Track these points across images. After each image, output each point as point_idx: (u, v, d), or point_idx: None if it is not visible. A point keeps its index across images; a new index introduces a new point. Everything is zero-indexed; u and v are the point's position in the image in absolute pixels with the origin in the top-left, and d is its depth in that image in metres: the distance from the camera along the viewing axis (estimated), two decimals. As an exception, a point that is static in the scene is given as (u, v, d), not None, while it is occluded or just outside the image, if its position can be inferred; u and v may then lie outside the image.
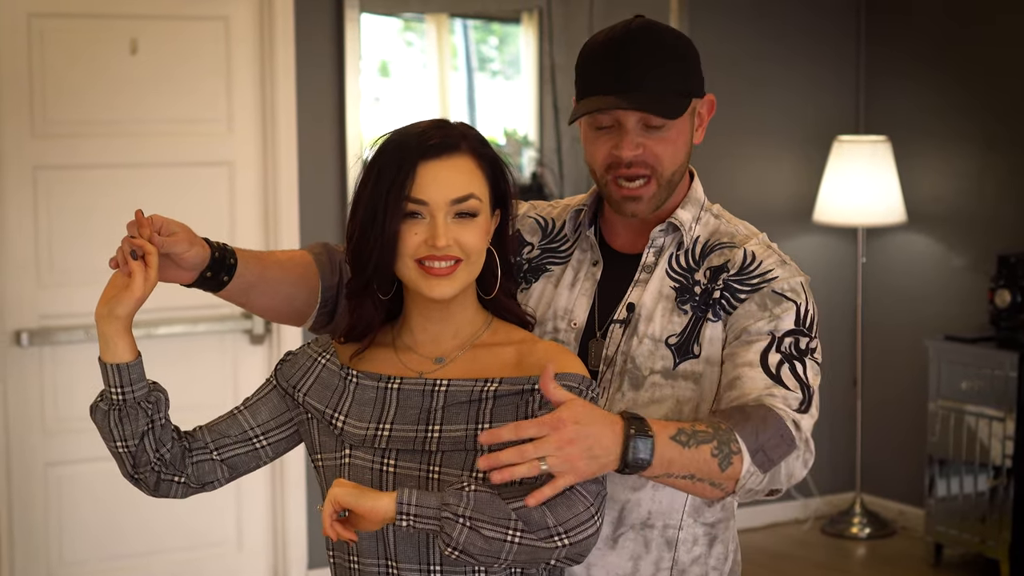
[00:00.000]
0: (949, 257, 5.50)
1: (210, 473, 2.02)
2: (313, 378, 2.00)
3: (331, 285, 2.10)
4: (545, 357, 1.91)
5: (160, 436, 1.97)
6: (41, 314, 4.44)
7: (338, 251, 2.13)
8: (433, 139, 1.90)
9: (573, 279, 2.12)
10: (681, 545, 2.07)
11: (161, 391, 1.97)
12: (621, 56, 2.01)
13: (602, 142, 2.04)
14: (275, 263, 2.06)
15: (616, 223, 2.14)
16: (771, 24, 5.61)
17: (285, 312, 2.10)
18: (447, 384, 1.92)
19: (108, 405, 1.94)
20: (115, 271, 1.92)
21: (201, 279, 1.98)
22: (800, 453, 1.91)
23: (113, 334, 1.90)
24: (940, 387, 5.15)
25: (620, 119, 2.02)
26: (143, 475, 1.98)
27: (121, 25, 4.51)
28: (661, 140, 2.03)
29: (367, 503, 1.75)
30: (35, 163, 4.42)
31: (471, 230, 1.90)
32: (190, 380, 4.55)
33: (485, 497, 1.75)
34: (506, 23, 5.52)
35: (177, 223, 1.94)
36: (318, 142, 4.79)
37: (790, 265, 2.07)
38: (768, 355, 1.97)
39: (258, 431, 2.02)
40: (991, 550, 4.96)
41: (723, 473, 1.83)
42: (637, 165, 2.03)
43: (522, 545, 1.75)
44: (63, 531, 4.52)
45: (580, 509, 1.78)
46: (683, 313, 2.04)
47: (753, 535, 5.58)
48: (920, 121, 5.57)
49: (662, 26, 2.07)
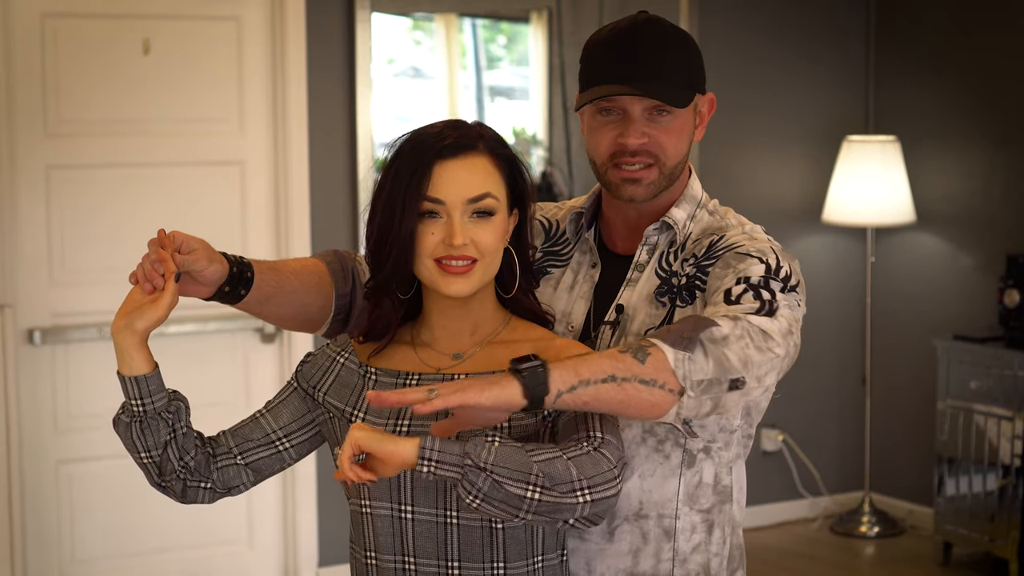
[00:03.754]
0: (958, 257, 5.50)
1: (235, 478, 2.03)
2: (333, 377, 2.02)
3: (345, 292, 2.11)
4: (562, 352, 1.92)
5: (183, 444, 1.98)
6: (53, 312, 4.45)
7: (349, 257, 2.15)
8: (449, 139, 1.91)
9: (572, 282, 2.13)
10: (680, 535, 2.07)
11: (181, 399, 1.99)
12: (629, 46, 2.04)
13: (606, 130, 2.06)
14: (291, 273, 2.07)
15: (616, 224, 2.15)
16: (780, 25, 5.62)
17: (300, 321, 2.12)
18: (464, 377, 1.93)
19: (130, 417, 1.95)
20: (134, 286, 1.93)
21: (219, 293, 2.00)
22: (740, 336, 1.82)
23: (130, 347, 1.91)
24: (949, 386, 5.16)
25: (626, 107, 2.04)
26: (170, 483, 2.00)
27: (133, 25, 4.53)
28: (665, 130, 2.05)
29: (388, 447, 1.73)
30: (48, 162, 4.44)
31: (487, 229, 1.91)
32: (202, 379, 4.56)
33: (509, 450, 1.75)
34: (515, 22, 5.53)
35: (196, 239, 1.95)
36: (329, 142, 4.80)
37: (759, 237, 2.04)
38: (731, 289, 1.92)
39: (280, 434, 2.03)
40: (1000, 549, 4.97)
41: (644, 366, 1.77)
42: (641, 154, 2.04)
43: (543, 501, 1.75)
44: (75, 528, 4.53)
45: (604, 468, 1.78)
46: (662, 305, 2.05)
47: (762, 534, 5.58)
48: (929, 121, 5.58)
49: (666, 21, 2.10)
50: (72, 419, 4.48)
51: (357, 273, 2.13)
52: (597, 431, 1.83)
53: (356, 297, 2.12)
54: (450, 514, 1.89)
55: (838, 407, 5.79)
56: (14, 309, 4.39)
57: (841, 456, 5.72)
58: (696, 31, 5.33)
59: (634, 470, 2.04)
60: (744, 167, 5.56)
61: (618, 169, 2.05)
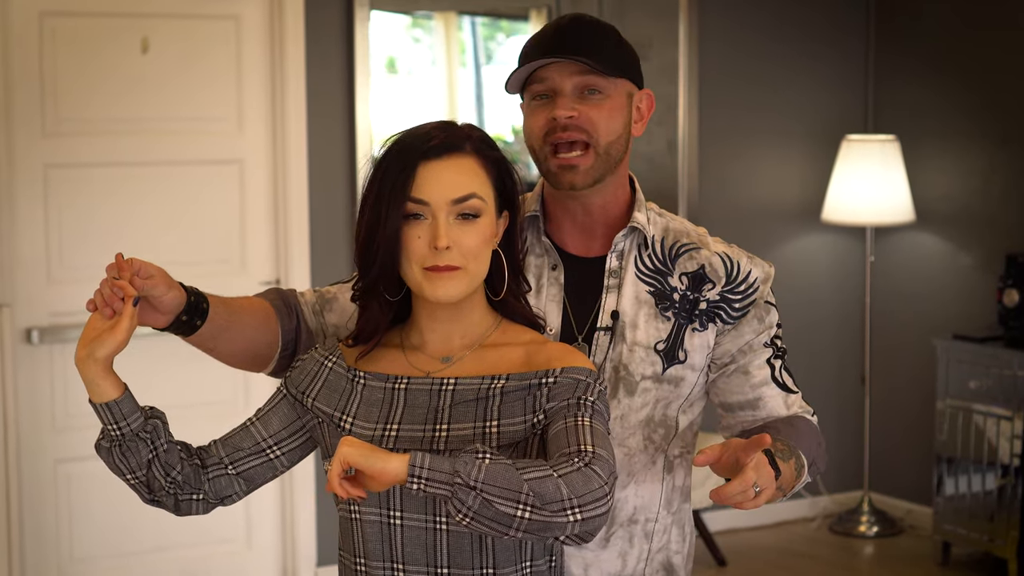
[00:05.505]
0: (957, 256, 5.50)
1: (227, 488, 2.02)
2: (321, 382, 2.01)
3: (290, 328, 2.12)
4: (554, 356, 1.92)
5: (167, 461, 1.97)
6: (52, 311, 4.45)
7: (291, 295, 2.16)
8: (435, 139, 1.91)
9: (536, 285, 2.14)
10: (655, 536, 2.14)
11: (158, 416, 1.98)
12: (558, 31, 2.09)
13: (539, 112, 2.08)
14: (240, 308, 2.08)
15: (564, 224, 2.15)
16: (780, 24, 5.61)
17: (249, 357, 2.12)
18: (454, 382, 1.92)
19: (109, 442, 1.95)
20: (92, 313, 1.93)
21: (176, 322, 1.99)
22: None
23: (95, 376, 1.91)
24: (948, 386, 5.15)
25: (556, 87, 2.06)
26: (161, 499, 2.00)
27: (132, 24, 4.53)
28: (596, 107, 2.07)
29: (377, 464, 1.71)
30: (46, 161, 4.44)
31: (472, 232, 1.90)
32: (198, 378, 4.56)
33: (499, 467, 1.72)
34: (514, 20, 5.53)
35: (154, 266, 1.95)
36: (328, 140, 4.80)
37: (755, 257, 2.18)
38: (774, 366, 2.16)
39: (271, 441, 2.02)
40: (999, 549, 4.96)
41: (795, 481, 2.03)
42: (573, 130, 2.05)
43: (533, 519, 1.72)
44: (73, 527, 4.53)
45: (595, 485, 1.75)
46: (666, 320, 2.09)
47: (761, 533, 5.58)
48: (929, 120, 5.57)
49: (596, 18, 2.15)
50: (70, 418, 4.48)
51: (300, 310, 2.15)
52: (588, 445, 1.80)
53: (301, 334, 2.13)
54: (439, 520, 1.88)
55: (837, 406, 5.79)
56: (12, 308, 4.39)
57: (840, 456, 5.72)
58: (696, 30, 5.32)
59: (633, 476, 2.09)
60: (743, 166, 5.56)
61: (555, 157, 2.07)
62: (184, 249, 4.62)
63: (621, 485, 2.09)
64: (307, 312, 2.15)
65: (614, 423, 2.08)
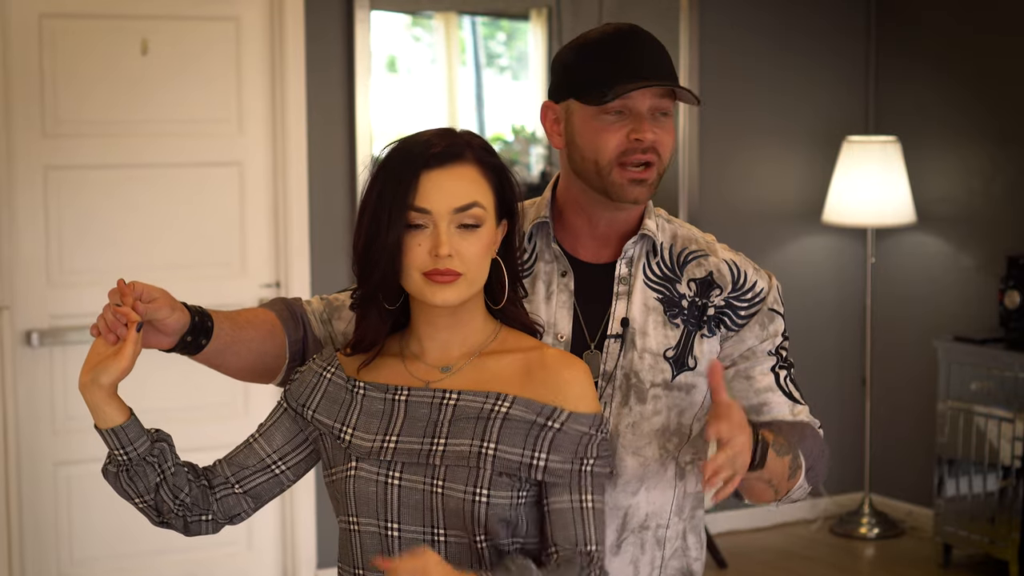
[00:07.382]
0: (958, 258, 5.49)
1: (235, 507, 2.02)
2: (320, 394, 2.00)
3: (297, 339, 2.11)
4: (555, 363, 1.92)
5: (174, 483, 1.97)
6: (51, 314, 4.45)
7: (297, 304, 2.15)
8: (436, 147, 1.90)
9: (547, 292, 2.13)
10: (668, 543, 2.13)
11: (164, 439, 1.97)
12: (634, 48, 2.06)
13: (615, 129, 2.06)
14: (244, 322, 2.07)
15: (582, 233, 2.15)
16: (780, 25, 5.60)
17: (258, 371, 2.11)
18: (457, 397, 1.92)
19: (116, 467, 1.95)
20: (96, 338, 1.92)
21: (181, 343, 1.98)
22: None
23: (100, 402, 1.91)
24: (949, 388, 5.15)
25: (636, 106, 2.05)
26: (170, 521, 1.99)
27: (131, 25, 4.52)
28: (666, 131, 2.08)
29: None
30: (45, 163, 4.43)
31: (473, 242, 1.89)
32: (201, 383, 4.55)
33: None
34: (515, 20, 5.53)
35: (157, 289, 1.94)
36: (328, 142, 4.79)
37: (761, 270, 2.19)
38: (779, 375, 2.15)
39: (275, 457, 2.01)
40: (1000, 551, 4.96)
41: (787, 481, 2.04)
42: (650, 151, 2.06)
43: None
44: (73, 530, 4.53)
45: None
46: (675, 327, 2.10)
47: (762, 535, 5.58)
48: (930, 121, 5.57)
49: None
50: (70, 420, 4.48)
51: (307, 319, 2.14)
52: (592, 544, 1.88)
53: (308, 344, 2.12)
54: (437, 532, 1.88)
55: (838, 408, 5.78)
56: (12, 311, 4.39)
57: (841, 457, 5.71)
58: (696, 31, 5.32)
59: (644, 483, 2.09)
60: (744, 167, 5.55)
61: (624, 170, 2.06)
62: (184, 251, 4.62)
63: (634, 492, 2.08)
64: (314, 321, 2.14)
65: (627, 431, 2.07)
